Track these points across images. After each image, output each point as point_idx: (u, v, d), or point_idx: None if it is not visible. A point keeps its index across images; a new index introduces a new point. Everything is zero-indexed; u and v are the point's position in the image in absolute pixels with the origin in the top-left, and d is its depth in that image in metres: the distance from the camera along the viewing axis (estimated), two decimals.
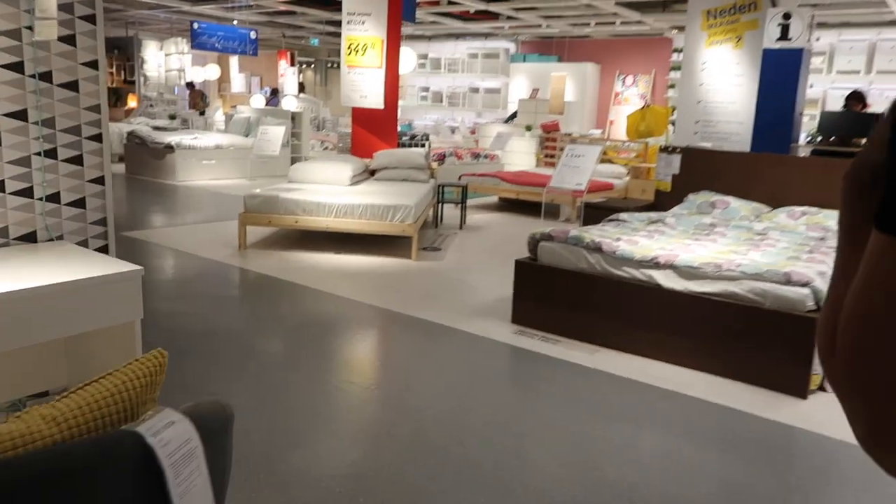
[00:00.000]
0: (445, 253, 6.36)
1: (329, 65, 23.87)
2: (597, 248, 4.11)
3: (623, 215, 5.17)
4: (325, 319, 4.56)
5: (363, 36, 7.36)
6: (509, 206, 9.27)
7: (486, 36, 16.94)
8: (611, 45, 16.01)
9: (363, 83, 7.33)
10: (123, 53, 17.83)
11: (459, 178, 8.72)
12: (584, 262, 4.14)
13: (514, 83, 16.60)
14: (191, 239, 6.62)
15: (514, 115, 14.31)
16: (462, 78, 17.29)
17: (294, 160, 12.27)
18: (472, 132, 15.58)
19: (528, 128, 13.33)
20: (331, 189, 6.37)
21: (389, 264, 5.82)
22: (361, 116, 7.78)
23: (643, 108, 10.31)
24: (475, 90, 17.16)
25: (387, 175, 7.22)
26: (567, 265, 4.20)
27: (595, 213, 5.78)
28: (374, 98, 7.35)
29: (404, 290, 5.17)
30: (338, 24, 8.58)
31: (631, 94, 15.81)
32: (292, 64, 19.32)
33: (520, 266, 4.43)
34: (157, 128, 13.55)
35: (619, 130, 15.53)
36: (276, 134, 10.81)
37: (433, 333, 4.29)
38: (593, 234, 4.36)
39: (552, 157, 10.84)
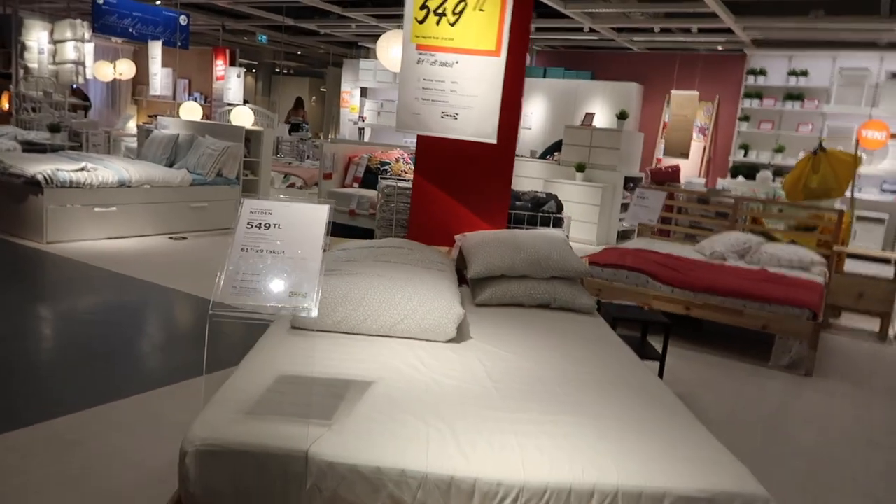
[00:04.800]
0: None
1: (277, 70, 19.47)
2: None
3: None
4: None
5: None
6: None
7: None
8: (656, 61, 12.49)
9: (454, 88, 3.27)
10: None
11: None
12: None
13: (533, 104, 12.83)
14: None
15: (553, 148, 10.50)
16: None
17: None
18: None
19: (580, 167, 9.49)
20: (422, 365, 2.33)
21: None
22: (434, 153, 3.73)
23: (814, 152, 6.64)
24: None
25: (500, 295, 3.19)
26: None
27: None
28: (477, 120, 3.31)
29: None
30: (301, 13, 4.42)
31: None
32: (232, 64, 14.90)
33: None
34: (28, 144, 8.92)
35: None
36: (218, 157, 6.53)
37: None
38: None
39: (670, 223, 6.97)
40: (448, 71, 3.37)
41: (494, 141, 3.41)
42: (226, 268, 1.65)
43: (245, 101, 13.91)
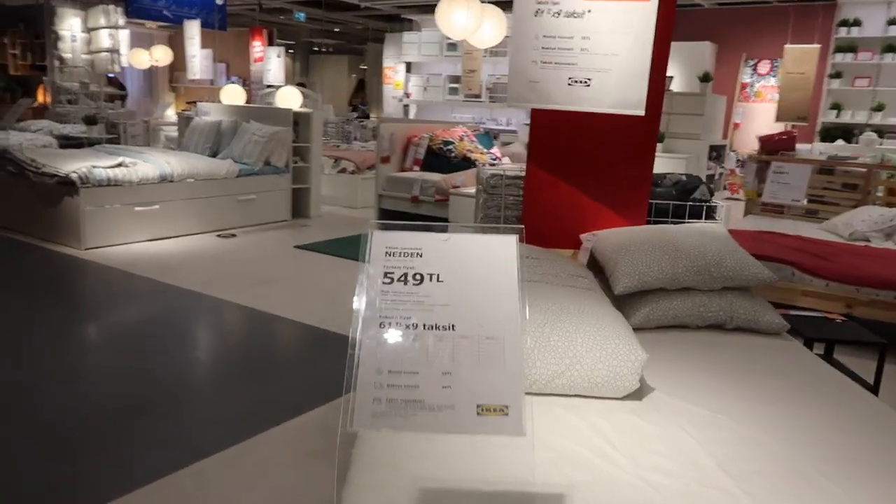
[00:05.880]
0: None
1: (314, 49, 18.74)
2: None
3: None
4: None
5: None
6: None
7: None
8: (732, 17, 11.34)
9: (585, 46, 2.43)
10: (31, 28, 12.47)
11: None
12: None
13: None
14: None
15: None
16: (506, 63, 12.38)
17: (300, 195, 7.27)
18: None
19: (660, 137, 8.51)
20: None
21: None
22: (553, 131, 2.89)
23: None
24: None
25: (659, 315, 2.39)
26: None
27: None
28: (617, 87, 2.47)
29: None
30: None
31: (766, 88, 11.22)
32: (270, 44, 14.20)
33: None
34: (64, 139, 8.36)
35: (747, 138, 10.93)
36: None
37: None
38: None
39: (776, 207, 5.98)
40: (577, 23, 2.53)
41: (642, 112, 2.57)
42: (356, 361, 0.89)
43: (291, 83, 13.23)
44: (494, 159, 7.37)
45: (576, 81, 2.57)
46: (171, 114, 12.22)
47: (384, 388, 0.89)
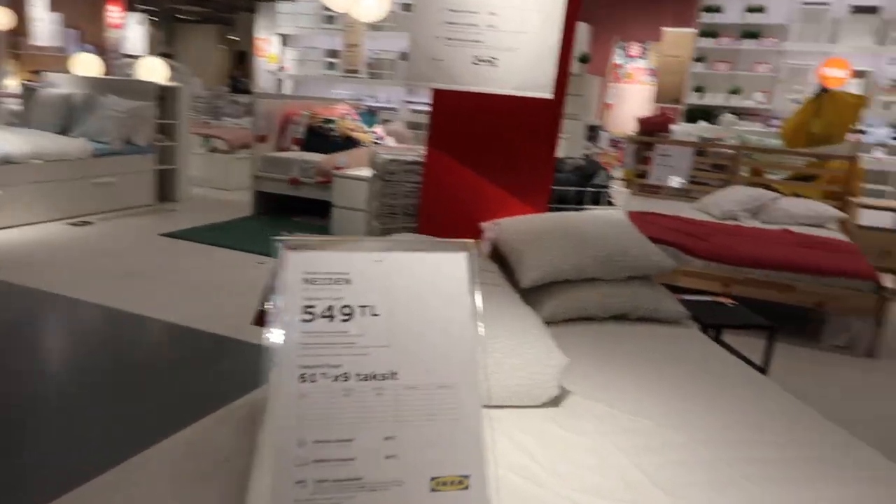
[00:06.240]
0: None
1: (179, 17, 17.46)
2: None
3: None
4: None
5: None
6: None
7: None
8: (603, 0, 11.63)
9: (492, 22, 2.24)
10: None
11: None
12: None
13: None
14: None
15: None
16: (388, 39, 12.13)
17: (166, 176, 6.70)
18: None
19: None
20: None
21: None
22: (454, 113, 2.70)
23: (817, 96, 6.00)
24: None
25: (566, 308, 2.31)
26: None
27: None
28: (525, 68, 2.30)
29: None
30: None
31: (637, 70, 11.63)
32: (131, 10, 13.06)
33: None
34: None
35: (619, 118, 11.33)
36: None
37: None
38: None
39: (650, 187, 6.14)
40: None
41: (550, 95, 2.45)
42: (269, 425, 0.68)
43: (153, 54, 12.18)
44: (378, 139, 7.12)
45: (482, 60, 2.41)
46: (11, 84, 10.92)
47: (309, 464, 0.68)
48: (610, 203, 3.06)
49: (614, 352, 2.18)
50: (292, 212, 6.64)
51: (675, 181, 4.87)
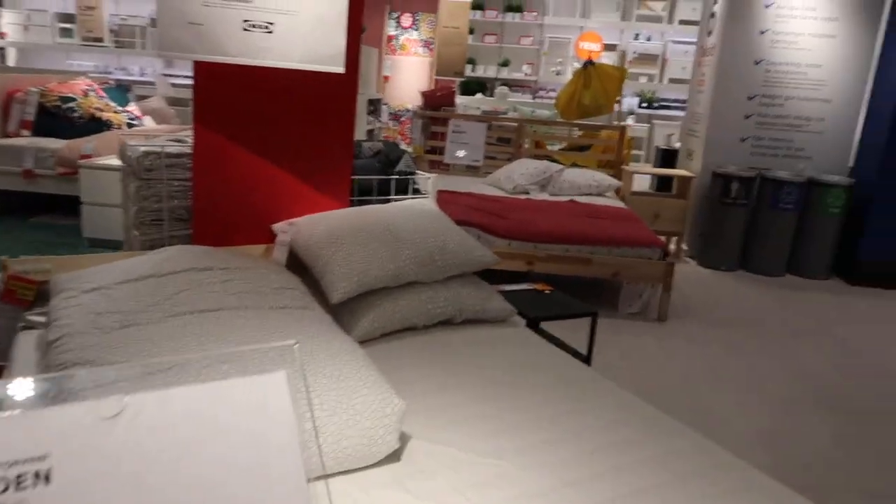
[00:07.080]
0: None
1: None
2: None
3: None
4: None
5: None
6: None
7: None
8: None
9: None
10: None
11: None
12: None
13: None
14: None
15: None
16: (134, 1, 10.75)
17: None
18: None
19: None
20: None
21: None
22: (226, 91, 2.18)
23: (584, 68, 6.26)
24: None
25: (384, 321, 1.99)
26: None
27: None
28: (307, 37, 1.87)
29: None
30: None
31: (410, 41, 11.48)
32: None
33: None
34: None
35: (398, 91, 11.18)
36: None
37: None
38: None
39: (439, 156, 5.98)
40: None
41: (342, 69, 2.05)
42: None
43: None
44: (133, 119, 6.16)
45: (254, 27, 1.93)
46: None
47: None
48: (417, 191, 2.77)
49: (447, 369, 1.90)
50: (29, 211, 5.51)
51: (471, 158, 4.75)
